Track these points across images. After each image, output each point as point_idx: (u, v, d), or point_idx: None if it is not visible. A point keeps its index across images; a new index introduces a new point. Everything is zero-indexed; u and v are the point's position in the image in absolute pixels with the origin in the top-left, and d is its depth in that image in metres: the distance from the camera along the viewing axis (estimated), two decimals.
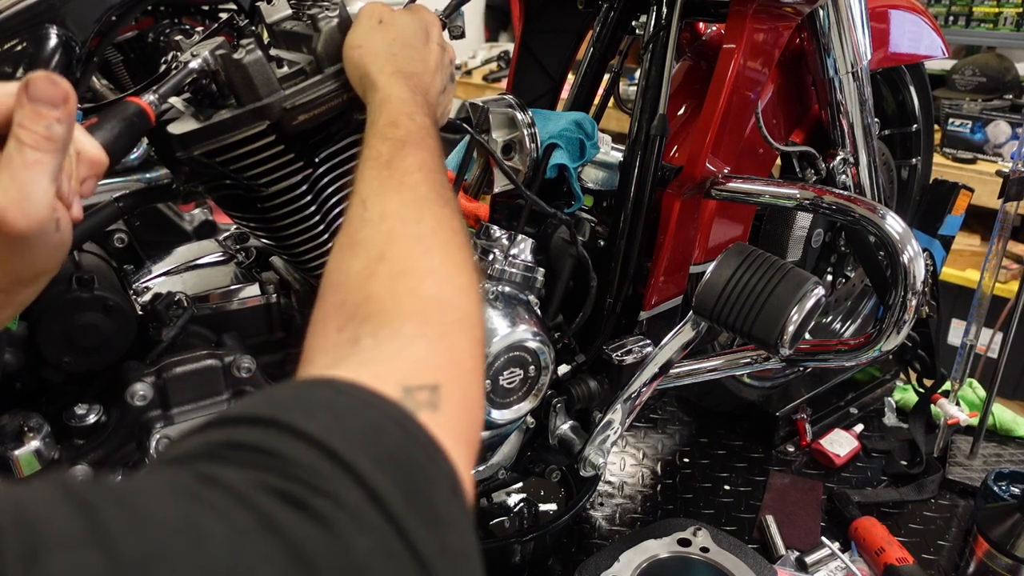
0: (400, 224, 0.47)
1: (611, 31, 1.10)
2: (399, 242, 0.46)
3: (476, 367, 0.42)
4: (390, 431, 0.32)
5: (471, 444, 0.38)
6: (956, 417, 1.28)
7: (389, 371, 0.37)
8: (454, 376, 0.39)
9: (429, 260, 0.45)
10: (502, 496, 1.15)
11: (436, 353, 0.39)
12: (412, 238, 0.46)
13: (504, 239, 0.87)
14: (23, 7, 0.57)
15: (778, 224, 1.21)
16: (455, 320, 0.42)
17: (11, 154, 0.40)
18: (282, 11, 0.71)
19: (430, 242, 0.46)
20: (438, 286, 0.44)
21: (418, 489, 0.30)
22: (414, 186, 0.50)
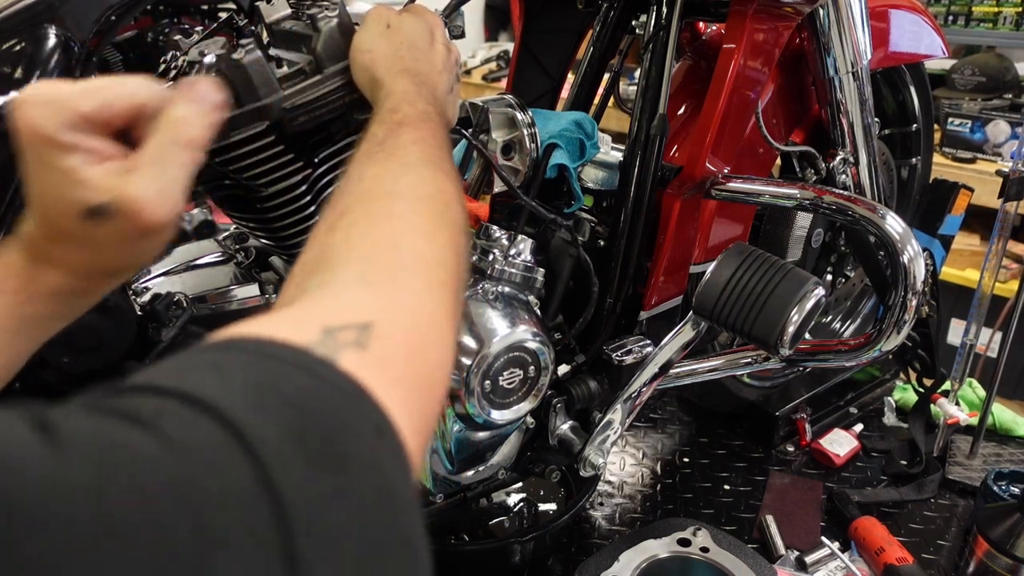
0: (375, 184, 0.46)
1: (611, 31, 1.10)
2: (368, 198, 0.45)
3: (434, 311, 0.39)
4: (289, 378, 0.28)
5: (417, 386, 0.35)
6: (956, 417, 1.28)
7: (311, 315, 0.34)
8: (396, 316, 0.36)
9: (393, 207, 0.44)
10: (502, 496, 1.15)
11: (375, 293, 0.37)
12: (383, 194, 0.45)
13: (504, 239, 0.87)
14: (22, 7, 0.57)
15: (778, 224, 1.21)
16: (407, 262, 0.40)
17: (164, 150, 0.41)
18: (281, 11, 0.71)
19: (403, 196, 0.45)
20: (395, 231, 0.42)
21: (314, 431, 0.27)
22: (402, 156, 0.49)
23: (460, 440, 0.85)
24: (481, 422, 0.83)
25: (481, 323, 0.80)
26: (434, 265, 0.41)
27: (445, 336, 0.40)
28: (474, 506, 1.03)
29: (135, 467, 0.23)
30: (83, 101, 0.41)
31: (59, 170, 0.40)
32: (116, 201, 0.40)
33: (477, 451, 0.89)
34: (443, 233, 0.44)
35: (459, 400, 0.80)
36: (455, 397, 0.80)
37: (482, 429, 0.86)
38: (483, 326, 0.80)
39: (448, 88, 0.67)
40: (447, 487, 0.90)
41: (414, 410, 0.33)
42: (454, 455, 0.86)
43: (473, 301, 0.81)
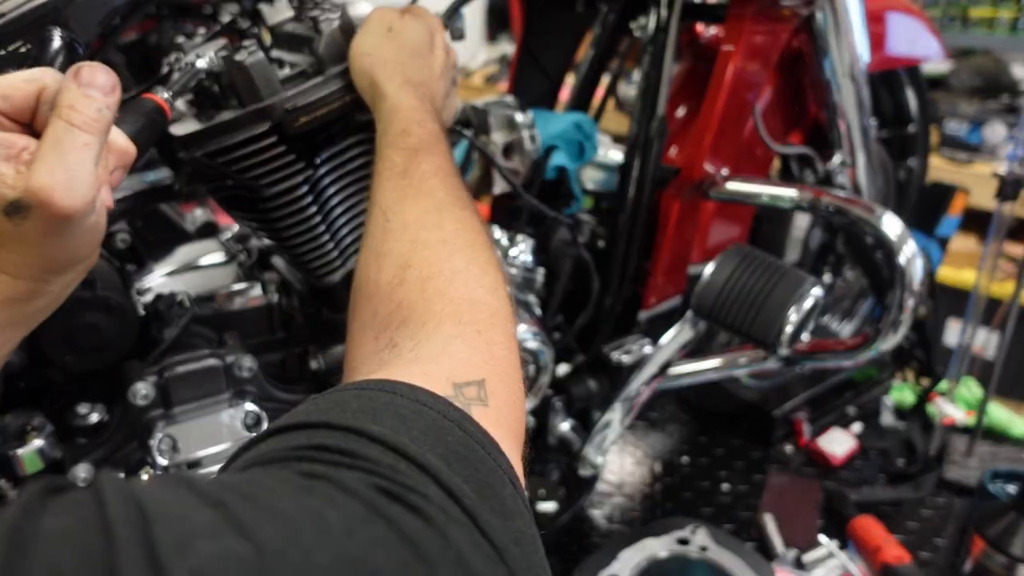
0: (422, 231, 0.48)
1: (611, 33, 1.10)
2: (423, 248, 0.47)
3: (514, 361, 0.43)
4: (450, 429, 0.34)
5: (518, 436, 0.40)
6: (953, 416, 1.28)
7: (436, 370, 0.38)
8: (496, 371, 0.40)
9: (454, 262, 0.47)
10: None
11: (476, 350, 0.41)
12: (436, 243, 0.48)
13: (504, 240, 0.87)
14: (27, 9, 0.58)
15: (776, 225, 1.22)
16: (488, 317, 0.44)
17: (59, 136, 0.40)
18: (283, 13, 0.71)
19: (453, 245, 0.48)
20: (466, 286, 0.45)
21: (484, 484, 0.32)
22: (431, 192, 0.51)
23: None
24: None
25: None
26: (501, 314, 0.45)
27: (521, 380, 0.44)
28: None
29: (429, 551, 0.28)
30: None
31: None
32: (26, 194, 0.39)
33: None
34: (494, 276, 0.48)
35: None
36: None
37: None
38: None
39: (446, 93, 0.67)
40: None
41: (516, 453, 0.38)
42: None
43: None
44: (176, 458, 0.67)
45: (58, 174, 0.39)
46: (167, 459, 0.67)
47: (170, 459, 0.67)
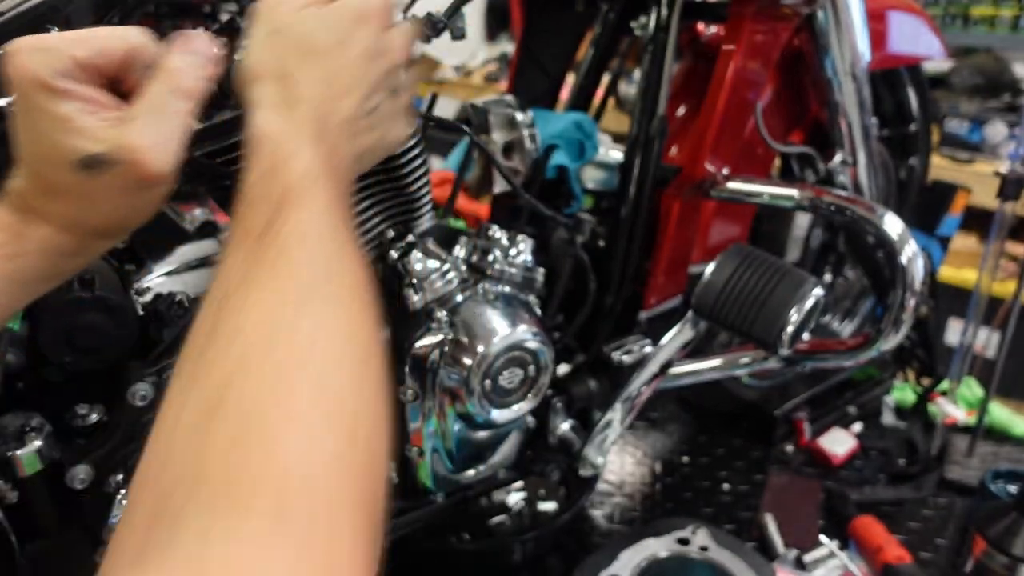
0: (260, 342, 0.33)
1: (611, 32, 1.10)
2: (252, 375, 0.32)
3: (366, 569, 0.29)
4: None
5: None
6: (954, 416, 1.28)
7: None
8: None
9: (293, 404, 0.31)
10: (502, 496, 1.15)
11: (297, 567, 0.27)
12: (273, 367, 0.32)
13: (504, 239, 0.87)
14: (26, 8, 0.58)
15: (777, 224, 1.22)
16: (326, 511, 0.29)
17: (159, 100, 0.39)
18: None
19: (300, 370, 0.33)
20: (304, 451, 0.30)
21: None
22: (292, 270, 0.36)
23: (460, 439, 0.86)
24: (481, 421, 0.83)
25: (481, 323, 0.80)
26: (363, 500, 0.30)
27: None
28: (474, 505, 1.03)
29: None
30: (78, 47, 0.40)
31: (54, 118, 0.38)
32: (115, 150, 0.38)
33: (477, 450, 0.90)
34: (364, 421, 0.33)
35: (459, 399, 0.81)
36: (456, 396, 0.81)
37: (482, 428, 0.86)
38: (483, 326, 0.80)
39: (368, 108, 0.48)
40: (447, 486, 0.90)
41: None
42: (454, 454, 0.87)
43: (473, 301, 0.82)
44: None
45: (154, 136, 0.39)
46: None
47: None
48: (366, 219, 0.80)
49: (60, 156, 0.39)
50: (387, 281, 0.81)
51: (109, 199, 0.40)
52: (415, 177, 0.79)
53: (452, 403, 0.81)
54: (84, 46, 0.40)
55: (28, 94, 0.39)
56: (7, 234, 0.42)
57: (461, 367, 0.79)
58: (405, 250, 0.80)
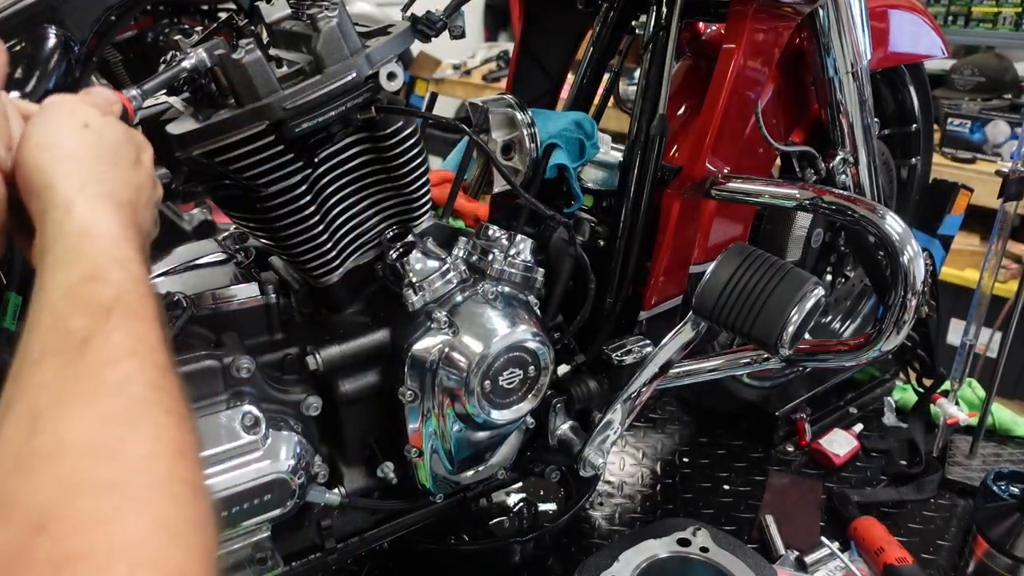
0: (80, 465, 0.30)
1: (611, 31, 1.10)
2: (70, 503, 0.29)
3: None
4: None
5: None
6: (955, 417, 1.28)
7: None
8: None
9: (125, 528, 0.29)
10: (502, 496, 1.15)
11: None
12: (101, 489, 0.30)
13: (504, 239, 0.87)
14: (22, 7, 0.57)
15: (778, 224, 1.21)
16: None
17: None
18: (281, 11, 0.71)
19: (133, 491, 0.30)
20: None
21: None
22: (120, 386, 0.33)
23: (460, 440, 0.85)
24: (481, 422, 0.83)
25: (481, 323, 0.80)
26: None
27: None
28: (474, 506, 1.03)
29: None
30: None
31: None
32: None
33: (477, 451, 0.89)
34: (193, 543, 0.31)
35: (459, 400, 0.80)
36: (455, 397, 0.80)
37: (482, 429, 0.86)
38: (483, 326, 0.80)
39: (150, 230, 0.49)
40: (447, 487, 0.90)
41: None
42: (454, 455, 0.86)
43: (473, 301, 0.81)
44: None
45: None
46: None
47: None
48: (365, 219, 0.80)
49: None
50: (387, 281, 0.81)
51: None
52: (414, 177, 0.78)
53: (452, 403, 0.81)
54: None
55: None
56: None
57: (461, 368, 0.79)
58: (405, 250, 0.79)
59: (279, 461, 0.72)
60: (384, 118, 0.74)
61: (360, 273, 0.82)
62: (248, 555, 0.75)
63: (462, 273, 0.82)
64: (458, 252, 0.83)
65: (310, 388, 0.78)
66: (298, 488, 0.74)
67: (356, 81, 0.68)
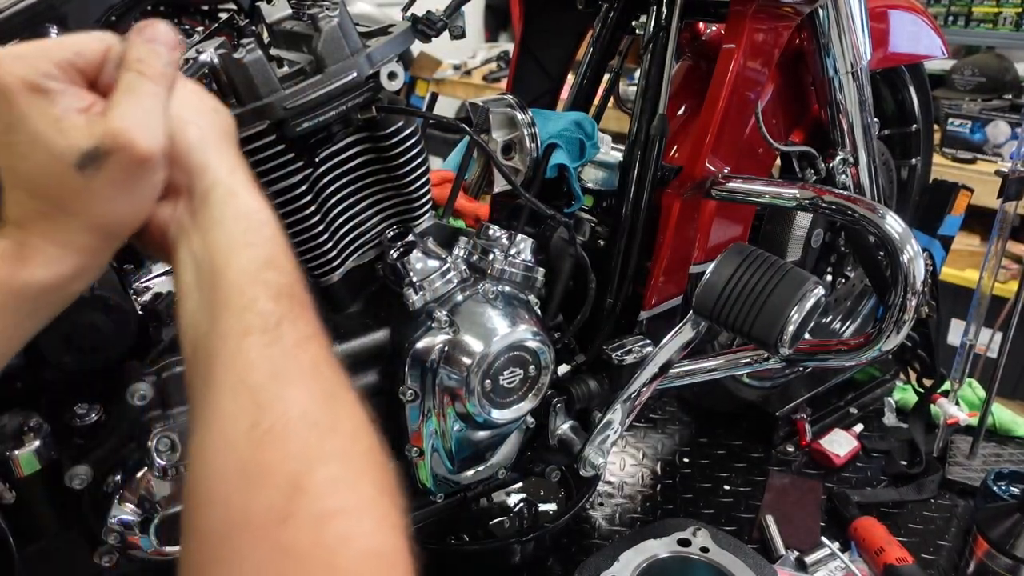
0: (311, 439, 0.35)
1: (611, 31, 1.10)
2: (315, 470, 0.35)
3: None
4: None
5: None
6: (956, 417, 1.28)
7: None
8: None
9: (361, 490, 0.35)
10: (502, 496, 1.15)
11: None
12: (329, 463, 0.35)
13: (504, 239, 0.87)
14: (23, 7, 0.57)
15: (778, 224, 1.21)
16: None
17: (132, 85, 0.40)
18: (282, 11, 0.71)
19: (357, 460, 0.36)
20: (378, 531, 0.34)
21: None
22: (315, 367, 0.38)
23: (460, 439, 0.86)
24: (481, 421, 0.83)
25: (482, 322, 0.80)
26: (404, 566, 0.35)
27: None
28: (474, 506, 1.03)
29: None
30: (55, 51, 0.40)
31: (47, 120, 0.38)
32: (105, 138, 0.38)
33: (477, 451, 0.89)
34: (394, 502, 0.38)
35: (459, 399, 0.80)
36: (456, 396, 0.80)
37: (482, 428, 0.86)
38: (484, 325, 0.80)
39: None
40: (447, 487, 0.90)
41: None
42: (454, 454, 0.86)
43: (473, 301, 0.81)
44: (175, 458, 0.67)
45: (137, 115, 0.39)
46: (165, 459, 0.66)
47: (168, 459, 0.67)
48: (366, 219, 0.80)
49: (58, 162, 0.38)
50: (387, 281, 0.81)
51: (113, 193, 0.40)
52: (415, 177, 0.78)
53: (452, 403, 0.81)
54: (61, 49, 0.40)
55: (16, 101, 0.38)
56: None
57: (461, 367, 0.79)
58: (405, 250, 0.79)
59: None
60: (384, 118, 0.74)
61: (360, 273, 0.82)
62: None
63: (462, 273, 0.82)
64: (458, 252, 0.83)
65: None
66: None
67: (357, 81, 0.68)
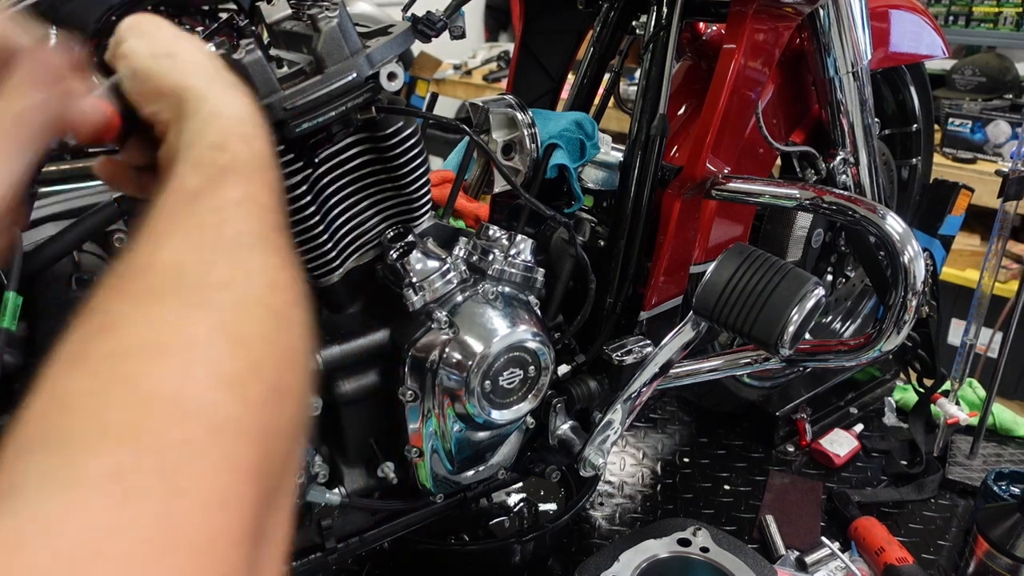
0: (169, 275, 0.30)
1: (611, 31, 1.10)
2: (150, 302, 0.29)
3: (227, 538, 0.23)
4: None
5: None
6: (956, 417, 1.28)
7: (33, 545, 0.20)
8: (170, 560, 0.21)
9: (188, 330, 0.28)
10: (502, 496, 1.15)
11: (137, 513, 0.22)
12: (174, 296, 0.29)
13: (504, 239, 0.87)
14: (23, 7, 0.57)
15: (778, 224, 1.21)
16: (201, 442, 0.24)
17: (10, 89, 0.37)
18: (282, 11, 0.71)
19: (204, 301, 0.29)
20: (184, 374, 0.26)
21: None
22: (219, 225, 0.34)
23: (460, 440, 0.86)
24: (481, 422, 0.83)
25: (481, 323, 0.80)
26: (239, 432, 0.26)
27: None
28: (474, 506, 1.03)
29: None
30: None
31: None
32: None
33: (477, 451, 0.89)
34: (270, 369, 0.29)
35: (459, 400, 0.80)
36: (455, 397, 0.80)
37: (482, 429, 0.86)
38: (483, 326, 0.80)
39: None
40: (447, 487, 0.90)
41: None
42: (454, 455, 0.86)
43: (473, 301, 0.81)
44: None
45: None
46: None
47: None
48: (366, 219, 0.80)
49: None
50: (387, 281, 0.81)
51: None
52: (415, 177, 0.78)
53: (452, 404, 0.81)
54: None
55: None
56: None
57: (461, 367, 0.79)
58: (405, 250, 0.79)
59: None
60: (384, 118, 0.74)
61: (360, 273, 0.82)
62: None
63: (462, 273, 0.82)
64: (458, 252, 0.83)
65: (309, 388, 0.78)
66: (298, 488, 0.74)
67: (356, 81, 0.68)
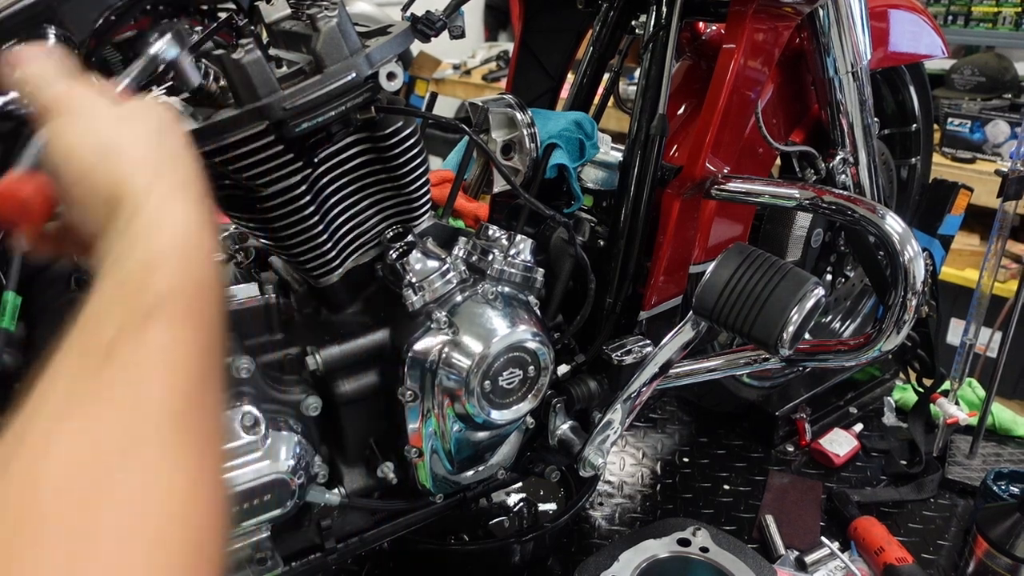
0: (58, 502, 0.26)
1: (611, 30, 1.10)
2: (36, 553, 0.25)
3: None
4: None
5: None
6: (955, 416, 1.28)
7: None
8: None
9: (91, 552, 0.25)
10: (502, 496, 1.15)
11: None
12: (77, 507, 0.25)
13: (503, 239, 0.87)
14: (21, 7, 0.57)
15: (778, 224, 1.21)
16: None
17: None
18: (281, 11, 0.71)
19: (96, 539, 0.25)
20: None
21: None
22: (131, 406, 0.29)
23: (460, 440, 0.85)
24: (481, 422, 0.83)
25: (481, 323, 0.80)
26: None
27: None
28: (474, 506, 1.03)
29: None
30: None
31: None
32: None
33: (477, 451, 0.89)
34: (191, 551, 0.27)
35: (459, 400, 0.80)
36: (455, 397, 0.80)
37: (482, 429, 0.86)
38: (483, 326, 0.80)
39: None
40: (447, 487, 0.90)
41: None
42: (454, 455, 0.86)
43: (473, 301, 0.81)
44: None
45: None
46: None
47: None
48: (365, 219, 0.80)
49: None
50: (387, 281, 0.81)
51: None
52: (414, 177, 0.78)
53: (451, 404, 0.81)
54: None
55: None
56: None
57: (460, 368, 0.79)
58: (404, 250, 0.79)
59: (279, 461, 0.72)
60: (384, 118, 0.73)
61: (360, 273, 0.82)
62: (248, 555, 0.75)
63: (462, 273, 0.82)
64: (458, 252, 0.83)
65: (310, 388, 0.78)
66: (298, 488, 0.74)
67: (356, 81, 0.68)
